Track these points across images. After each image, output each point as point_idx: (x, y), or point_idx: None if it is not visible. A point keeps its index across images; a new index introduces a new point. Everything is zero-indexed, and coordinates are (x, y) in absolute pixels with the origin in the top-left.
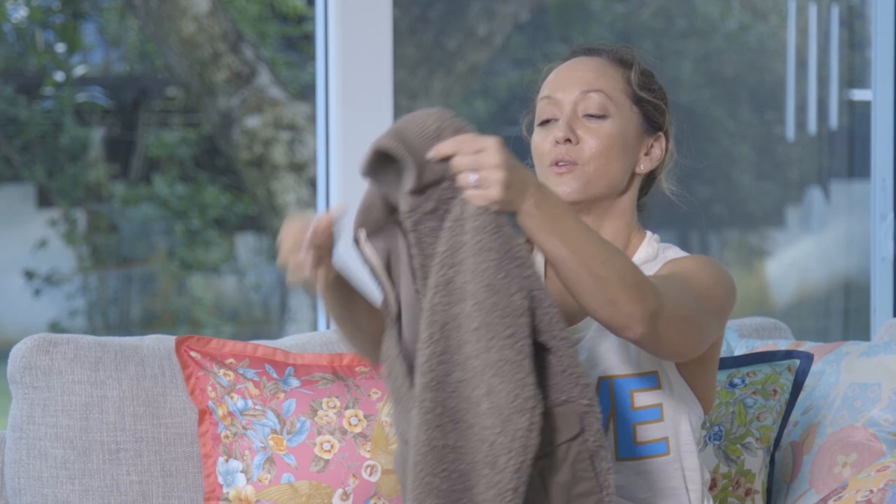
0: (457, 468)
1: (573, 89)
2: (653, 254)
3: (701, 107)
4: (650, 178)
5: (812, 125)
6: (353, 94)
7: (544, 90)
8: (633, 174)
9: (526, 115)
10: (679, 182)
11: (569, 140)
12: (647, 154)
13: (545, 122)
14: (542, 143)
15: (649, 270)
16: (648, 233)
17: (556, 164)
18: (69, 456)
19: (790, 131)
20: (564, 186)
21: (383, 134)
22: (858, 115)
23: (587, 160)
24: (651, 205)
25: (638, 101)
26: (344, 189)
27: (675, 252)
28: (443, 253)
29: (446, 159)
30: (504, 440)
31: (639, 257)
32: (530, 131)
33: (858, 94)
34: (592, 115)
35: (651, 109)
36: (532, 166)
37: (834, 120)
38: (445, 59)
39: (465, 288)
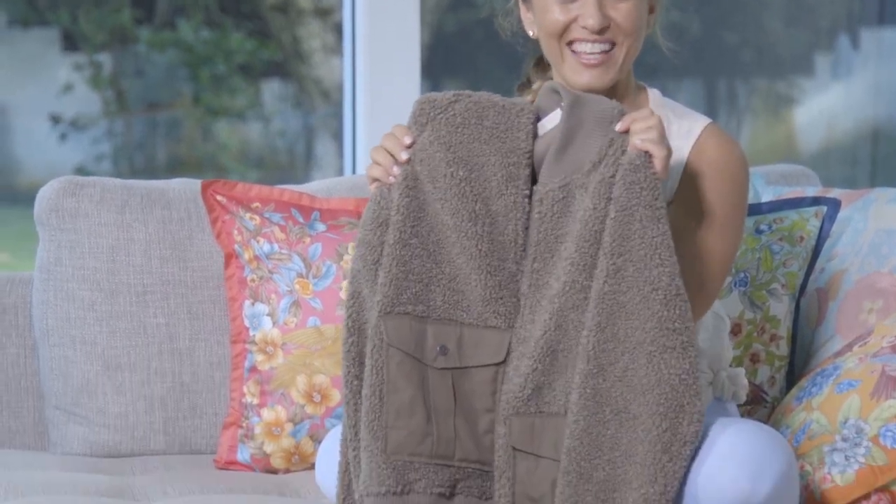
0: (612, 457)
1: None
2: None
3: None
4: None
5: None
6: None
7: None
8: None
9: None
10: (706, 28)
11: (604, 28)
12: (651, 13)
13: None
14: (560, 18)
15: (683, 149)
16: (649, 89)
17: (578, 46)
18: (96, 298)
19: None
20: (592, 78)
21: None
22: None
23: (620, 43)
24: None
25: None
26: (369, 34)
27: (690, 122)
28: (611, 243)
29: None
30: (682, 426)
31: None
32: None
33: None
34: None
35: None
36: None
37: None
38: None
39: (636, 277)
